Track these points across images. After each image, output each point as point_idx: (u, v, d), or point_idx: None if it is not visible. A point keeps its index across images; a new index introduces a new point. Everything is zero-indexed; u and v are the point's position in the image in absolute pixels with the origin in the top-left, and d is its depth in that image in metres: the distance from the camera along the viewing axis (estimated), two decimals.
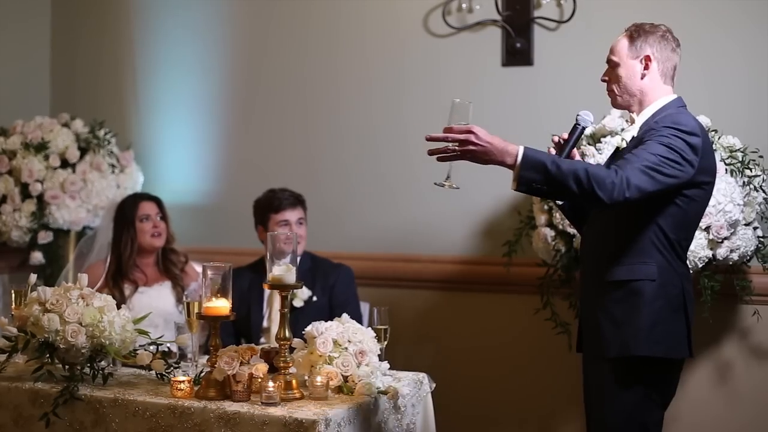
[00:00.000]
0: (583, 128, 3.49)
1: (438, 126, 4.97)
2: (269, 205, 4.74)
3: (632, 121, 3.51)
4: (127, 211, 4.83)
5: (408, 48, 5.13)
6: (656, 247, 3.32)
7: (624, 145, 3.45)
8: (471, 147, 3.21)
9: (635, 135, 3.42)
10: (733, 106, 4.49)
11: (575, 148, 3.54)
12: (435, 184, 3.37)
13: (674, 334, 3.35)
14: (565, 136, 3.50)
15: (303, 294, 4.64)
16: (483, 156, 3.22)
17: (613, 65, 3.51)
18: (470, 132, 3.22)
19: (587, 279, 3.52)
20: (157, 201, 4.91)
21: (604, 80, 3.53)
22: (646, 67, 3.45)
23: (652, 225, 3.33)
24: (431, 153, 3.29)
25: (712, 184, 3.41)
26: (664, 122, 3.31)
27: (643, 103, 3.47)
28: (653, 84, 3.46)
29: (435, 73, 5.07)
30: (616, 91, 3.49)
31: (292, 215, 4.73)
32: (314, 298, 4.66)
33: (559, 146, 3.52)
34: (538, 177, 3.15)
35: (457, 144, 3.23)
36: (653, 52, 3.46)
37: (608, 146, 4.10)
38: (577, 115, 3.48)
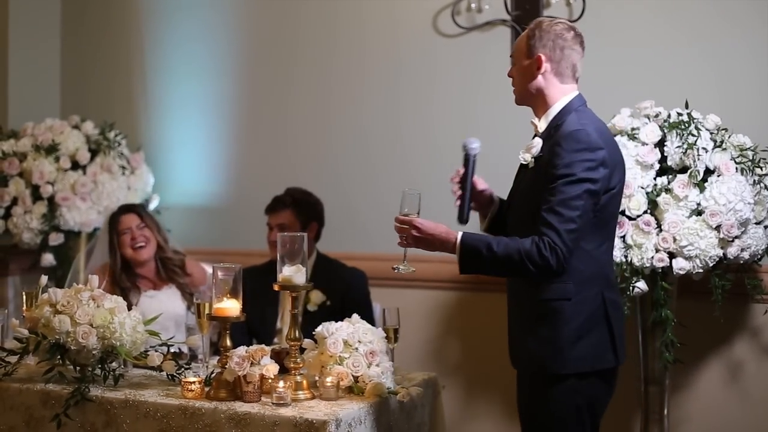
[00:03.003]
0: (474, 156, 3.50)
1: (443, 126, 5.02)
2: (266, 207, 4.78)
3: (535, 127, 3.42)
4: (111, 224, 4.82)
5: (417, 48, 5.12)
6: (572, 264, 3.26)
7: (532, 164, 3.34)
8: (413, 240, 3.37)
9: (540, 153, 3.33)
10: (743, 105, 4.48)
11: (474, 176, 3.55)
12: (392, 268, 3.51)
13: (597, 346, 3.31)
14: (461, 170, 3.52)
15: (317, 298, 4.63)
16: (427, 246, 3.38)
17: (512, 63, 3.47)
18: (412, 226, 3.36)
19: (512, 298, 3.47)
20: (138, 212, 4.84)
21: (509, 76, 3.48)
22: (539, 68, 3.36)
23: None
24: (399, 244, 3.46)
25: (623, 180, 3.37)
26: (565, 142, 3.23)
27: (543, 103, 3.40)
28: (548, 84, 3.38)
29: (444, 73, 5.07)
30: (515, 89, 3.45)
31: (273, 219, 4.72)
32: (328, 303, 4.64)
33: (461, 181, 3.55)
34: (477, 262, 3.28)
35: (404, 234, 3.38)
36: (546, 51, 3.36)
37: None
38: (464, 145, 3.51)
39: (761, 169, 4.15)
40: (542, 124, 3.40)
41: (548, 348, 3.29)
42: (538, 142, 3.36)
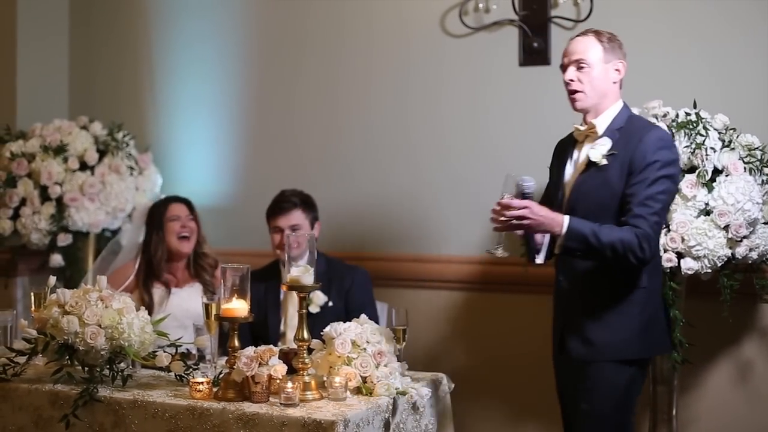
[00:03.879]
0: (530, 195, 3.60)
1: (452, 125, 5.02)
2: (269, 209, 4.74)
3: (590, 126, 3.66)
4: (156, 212, 4.84)
5: (425, 49, 5.12)
6: None
7: (604, 161, 3.57)
8: (526, 221, 3.49)
9: (613, 151, 3.57)
10: (751, 104, 4.47)
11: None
12: (487, 251, 3.70)
13: (661, 333, 3.71)
14: (506, 201, 3.54)
15: (319, 300, 4.60)
16: (536, 228, 3.55)
17: (584, 67, 3.62)
18: (527, 207, 3.48)
19: (576, 286, 3.68)
20: (188, 203, 4.90)
21: (571, 80, 3.64)
22: (618, 72, 3.66)
23: None
24: (495, 230, 3.60)
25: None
26: (650, 140, 3.54)
27: (599, 108, 3.66)
28: (615, 90, 3.68)
29: (452, 73, 5.07)
30: (588, 92, 3.63)
31: (283, 221, 4.67)
32: (330, 304, 4.62)
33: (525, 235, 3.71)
34: (580, 247, 3.49)
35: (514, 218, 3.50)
36: (620, 59, 3.66)
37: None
38: (517, 184, 3.58)
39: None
40: (601, 126, 3.64)
41: (621, 334, 3.56)
42: (607, 141, 3.59)
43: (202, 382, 3.41)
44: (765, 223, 4.12)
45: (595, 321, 3.59)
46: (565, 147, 3.82)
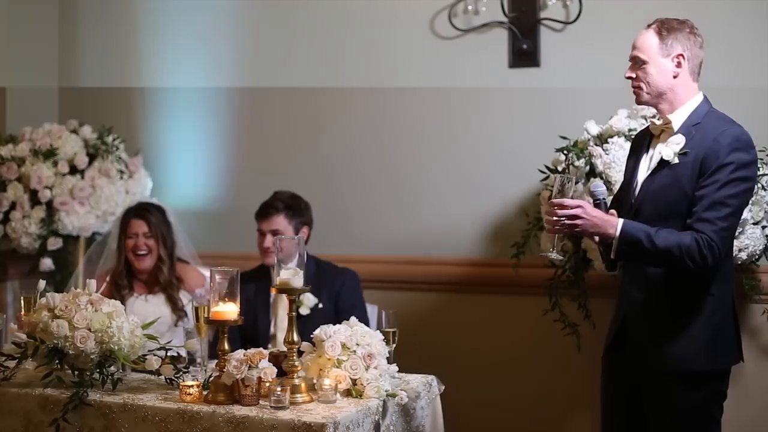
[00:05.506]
0: (604, 199, 3.53)
1: (445, 127, 5.03)
2: (257, 210, 4.76)
3: (666, 122, 3.50)
4: (121, 223, 4.88)
5: (414, 50, 5.13)
6: None
7: (676, 160, 3.42)
8: (579, 222, 3.37)
9: (686, 149, 3.41)
10: (740, 106, 4.46)
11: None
12: (540, 254, 3.71)
13: (732, 343, 3.54)
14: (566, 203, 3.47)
15: (309, 301, 4.61)
16: (590, 229, 3.40)
17: (640, 63, 3.49)
18: (580, 207, 3.37)
19: (641, 292, 3.52)
20: (148, 219, 4.86)
21: (630, 77, 3.52)
22: (678, 65, 3.47)
23: None
24: (549, 231, 3.47)
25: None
26: (725, 140, 3.36)
27: (674, 102, 3.49)
28: (684, 82, 3.48)
29: (442, 75, 5.07)
30: (644, 89, 3.50)
31: (265, 225, 4.71)
32: (320, 305, 4.64)
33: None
34: (635, 251, 3.35)
35: (566, 218, 3.39)
36: (684, 49, 3.47)
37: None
38: (591, 192, 3.55)
39: (758, 169, 4.15)
40: (677, 122, 3.47)
41: (687, 346, 3.41)
42: (681, 138, 3.42)
43: (192, 386, 3.41)
44: (754, 224, 4.13)
45: (659, 331, 3.45)
46: (641, 141, 3.66)
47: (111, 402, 3.43)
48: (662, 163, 3.46)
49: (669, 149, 3.44)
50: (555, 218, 3.39)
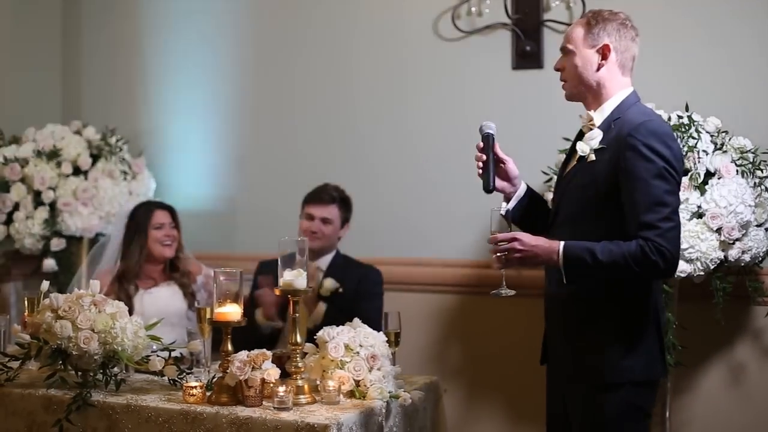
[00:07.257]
0: (489, 134, 3.41)
1: (448, 128, 5.03)
2: (309, 195, 4.81)
3: (589, 119, 3.29)
4: (140, 218, 4.86)
5: (418, 52, 5.13)
6: None
7: (592, 157, 3.22)
8: (518, 255, 3.21)
9: (602, 145, 3.21)
10: (743, 107, 4.47)
11: (496, 154, 3.44)
12: (491, 293, 3.41)
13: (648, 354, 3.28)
14: (481, 145, 3.42)
15: (330, 285, 4.68)
16: (531, 260, 3.22)
17: (567, 54, 3.30)
18: (515, 239, 3.21)
19: (561, 294, 3.34)
20: (171, 210, 4.92)
21: (557, 70, 3.36)
22: (604, 57, 3.26)
23: None
24: (497, 269, 3.32)
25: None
26: (638, 134, 3.12)
27: (599, 96, 3.29)
28: (611, 76, 3.27)
29: (445, 77, 5.08)
30: (569, 81, 3.31)
31: (318, 211, 4.75)
32: (340, 290, 4.69)
33: (484, 165, 3.42)
34: (582, 272, 3.14)
35: (504, 252, 3.23)
36: (612, 41, 3.26)
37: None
38: (480, 128, 3.43)
39: (762, 172, 4.16)
40: (598, 118, 3.27)
41: (602, 355, 3.22)
42: (598, 134, 3.23)
43: (195, 387, 3.41)
44: (757, 226, 4.14)
45: (570, 339, 3.31)
46: (576, 139, 3.43)
47: (114, 403, 3.43)
48: (581, 161, 3.28)
49: (586, 145, 3.26)
50: (496, 255, 3.24)
